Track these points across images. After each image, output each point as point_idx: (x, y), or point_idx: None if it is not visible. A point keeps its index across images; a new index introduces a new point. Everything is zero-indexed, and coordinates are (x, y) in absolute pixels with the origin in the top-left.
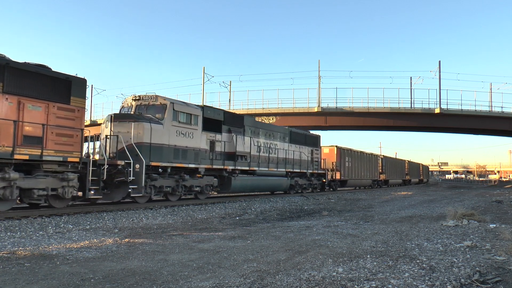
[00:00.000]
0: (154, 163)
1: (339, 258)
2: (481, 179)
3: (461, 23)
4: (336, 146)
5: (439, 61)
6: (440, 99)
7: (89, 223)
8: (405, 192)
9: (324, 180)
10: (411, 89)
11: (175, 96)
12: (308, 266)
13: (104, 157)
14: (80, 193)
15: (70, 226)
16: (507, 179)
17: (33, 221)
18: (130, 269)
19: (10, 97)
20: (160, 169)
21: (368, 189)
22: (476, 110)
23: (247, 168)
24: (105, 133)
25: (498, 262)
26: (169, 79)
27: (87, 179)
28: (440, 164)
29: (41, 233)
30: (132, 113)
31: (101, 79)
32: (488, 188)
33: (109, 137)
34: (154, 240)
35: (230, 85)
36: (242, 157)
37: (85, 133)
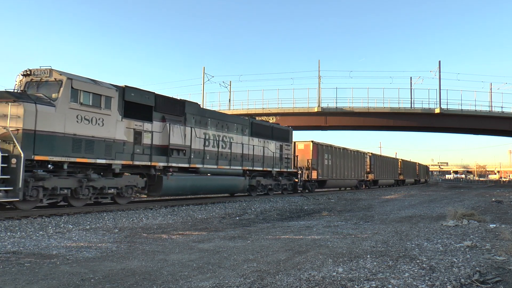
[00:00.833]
0: (40, 157)
1: (339, 258)
2: (481, 179)
3: (461, 22)
4: (312, 141)
5: (439, 61)
6: (440, 99)
7: (89, 223)
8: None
9: (296, 180)
10: (411, 89)
11: (175, 96)
12: (308, 266)
13: None
14: None
15: (70, 226)
16: (507, 179)
17: (33, 221)
18: (130, 269)
19: None
20: (50, 165)
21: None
22: (476, 110)
23: (186, 165)
24: None
25: (498, 262)
26: (169, 79)
27: None
28: (440, 164)
29: (41, 233)
30: (16, 91)
31: (101, 78)
32: (488, 188)
33: None
34: (154, 240)
35: (230, 85)
36: (179, 152)
37: None
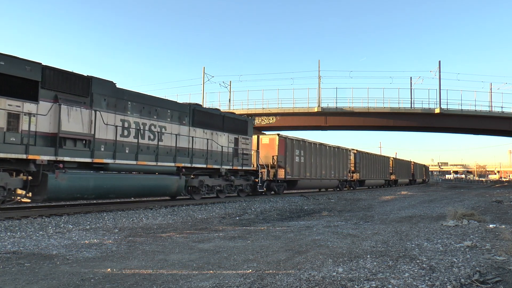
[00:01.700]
0: None
1: (339, 258)
2: (481, 179)
3: (461, 23)
4: (278, 134)
5: (439, 61)
6: (440, 99)
7: (89, 223)
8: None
9: (256, 180)
10: (411, 89)
11: (175, 96)
12: (308, 266)
13: None
14: None
15: (70, 226)
16: (507, 179)
17: (33, 221)
18: (130, 269)
19: None
20: None
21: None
22: (476, 110)
23: (88, 159)
24: None
25: (498, 262)
26: (169, 79)
27: None
28: (440, 164)
29: (41, 233)
30: None
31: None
32: (488, 188)
33: None
34: (154, 240)
35: (230, 85)
36: (79, 142)
37: None
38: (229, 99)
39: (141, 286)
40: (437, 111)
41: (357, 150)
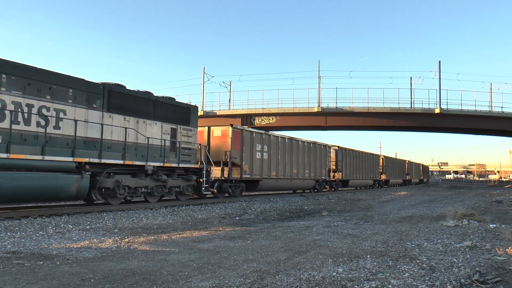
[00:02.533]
0: None
1: (339, 258)
2: (481, 179)
3: (461, 23)
4: (231, 125)
5: (439, 61)
6: (440, 99)
7: (89, 223)
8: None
9: (201, 180)
10: (411, 89)
11: (175, 96)
12: (308, 266)
13: None
14: None
15: (70, 226)
16: (507, 179)
17: (33, 221)
18: (130, 269)
19: None
20: None
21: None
22: (476, 110)
23: None
24: None
25: (498, 262)
26: (169, 79)
27: None
28: (440, 164)
29: (41, 233)
30: None
31: (101, 78)
32: (488, 188)
33: None
34: (154, 240)
35: (230, 85)
36: None
37: None
38: (229, 99)
39: (141, 286)
40: (437, 111)
41: (338, 146)
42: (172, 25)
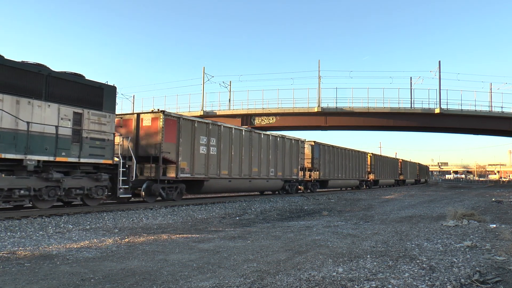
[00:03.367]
0: None
1: (339, 258)
2: (481, 179)
3: (461, 23)
4: (163, 111)
5: (439, 61)
6: (440, 99)
7: (89, 223)
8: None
9: (125, 179)
10: (411, 89)
11: (175, 96)
12: (308, 266)
13: None
14: None
15: (70, 226)
16: (507, 179)
17: (33, 221)
18: (130, 269)
19: None
20: None
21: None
22: (476, 110)
23: None
24: None
25: (498, 262)
26: (169, 79)
27: None
28: (440, 164)
29: (41, 233)
30: None
31: (101, 78)
32: (488, 188)
33: None
34: (154, 240)
35: (230, 85)
36: None
37: None
38: (229, 99)
39: (141, 286)
40: (437, 111)
41: (315, 141)
42: (172, 26)
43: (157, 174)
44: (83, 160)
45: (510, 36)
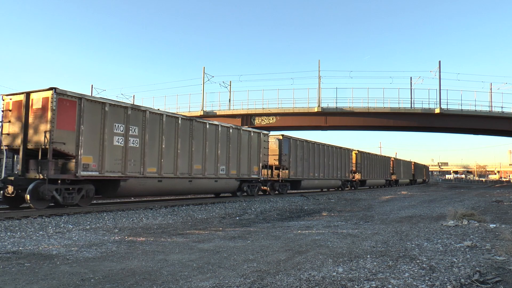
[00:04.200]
0: None
1: (339, 258)
2: (481, 179)
3: (461, 23)
4: (55, 89)
5: (439, 61)
6: (440, 99)
7: (89, 223)
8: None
9: None
10: (411, 89)
11: (175, 96)
12: (308, 266)
13: None
14: None
15: (70, 226)
16: (507, 179)
17: (33, 221)
18: (130, 269)
19: None
20: None
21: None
22: (476, 110)
23: None
24: None
25: (498, 262)
26: (169, 79)
27: None
28: (440, 164)
29: (41, 233)
30: None
31: (101, 79)
32: (488, 188)
33: None
34: (154, 240)
35: (230, 85)
36: None
37: None
38: (229, 99)
39: (141, 286)
40: (437, 111)
41: (283, 135)
42: (172, 26)
43: (45, 171)
44: None
45: (510, 36)
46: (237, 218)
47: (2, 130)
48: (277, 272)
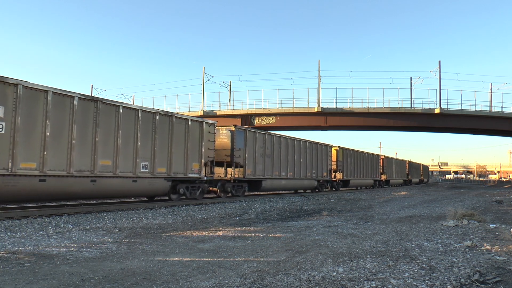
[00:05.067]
0: None
1: (339, 258)
2: (481, 179)
3: (461, 23)
4: None
5: (439, 61)
6: (440, 99)
7: (89, 223)
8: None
9: None
10: (411, 89)
11: (175, 96)
12: (308, 266)
13: None
14: None
15: (70, 226)
16: (507, 179)
17: (33, 221)
18: (130, 269)
19: None
20: None
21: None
22: (476, 110)
23: None
24: None
25: (498, 262)
26: (169, 79)
27: None
28: (440, 164)
29: (41, 233)
30: None
31: (101, 78)
32: (488, 188)
33: None
34: (154, 240)
35: (230, 85)
36: None
37: None
38: (229, 99)
39: (141, 286)
40: (437, 111)
41: (235, 126)
42: (172, 27)
43: None
44: None
45: (510, 36)
46: (237, 218)
47: None
48: (277, 272)
